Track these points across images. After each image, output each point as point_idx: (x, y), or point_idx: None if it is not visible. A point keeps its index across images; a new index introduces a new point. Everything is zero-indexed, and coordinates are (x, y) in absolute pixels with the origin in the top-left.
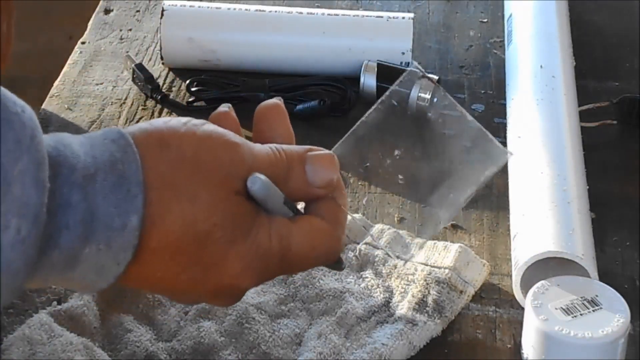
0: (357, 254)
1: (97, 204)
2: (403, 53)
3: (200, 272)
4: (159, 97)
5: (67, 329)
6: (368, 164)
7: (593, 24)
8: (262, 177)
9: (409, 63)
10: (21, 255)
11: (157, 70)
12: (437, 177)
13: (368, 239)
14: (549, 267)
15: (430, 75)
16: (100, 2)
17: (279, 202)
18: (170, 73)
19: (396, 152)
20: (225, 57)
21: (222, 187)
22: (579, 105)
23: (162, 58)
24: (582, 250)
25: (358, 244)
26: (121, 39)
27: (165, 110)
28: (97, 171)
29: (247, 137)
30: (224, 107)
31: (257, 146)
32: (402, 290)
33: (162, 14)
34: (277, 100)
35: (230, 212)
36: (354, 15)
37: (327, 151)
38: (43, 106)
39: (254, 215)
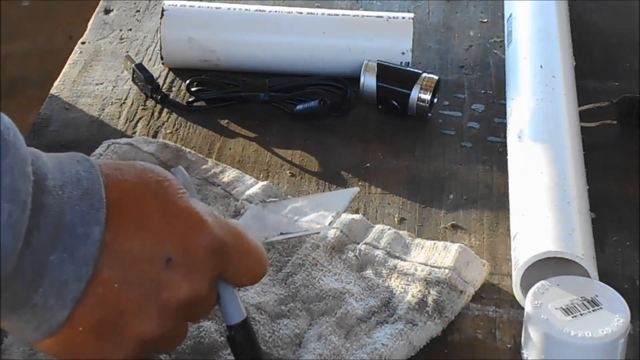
0: (357, 254)
1: (64, 212)
2: (403, 53)
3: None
4: (159, 97)
5: None
6: (368, 165)
7: (593, 24)
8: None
9: (408, 63)
10: (12, 240)
11: (157, 70)
12: None
13: (368, 239)
14: (549, 267)
15: (430, 75)
16: (100, 2)
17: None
18: (170, 73)
19: None
20: (225, 57)
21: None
22: (579, 105)
23: (162, 58)
24: (582, 250)
25: (358, 244)
26: (121, 39)
27: (165, 110)
28: (65, 183)
29: (247, 137)
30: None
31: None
32: (402, 290)
33: (162, 14)
34: None
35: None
36: (354, 16)
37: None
38: (43, 106)
39: None
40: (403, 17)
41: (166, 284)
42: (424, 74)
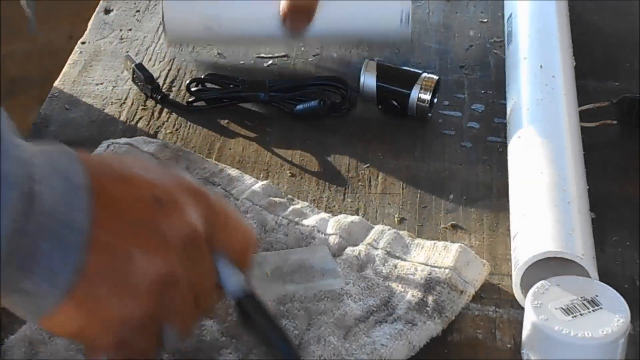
0: (357, 254)
1: (54, 200)
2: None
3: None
4: (159, 97)
5: None
6: (368, 165)
7: (593, 24)
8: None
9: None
10: (8, 220)
11: (157, 70)
12: None
13: (368, 240)
14: (549, 267)
15: (430, 75)
16: (100, 2)
17: None
18: (170, 73)
19: None
20: (228, 22)
21: None
22: (579, 105)
23: (164, 30)
24: (582, 250)
25: (358, 244)
26: (121, 39)
27: (165, 110)
28: (52, 172)
29: (247, 137)
30: None
31: None
32: (402, 289)
33: None
34: None
35: None
36: None
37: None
38: (43, 106)
39: None
40: None
41: (163, 220)
42: (424, 74)
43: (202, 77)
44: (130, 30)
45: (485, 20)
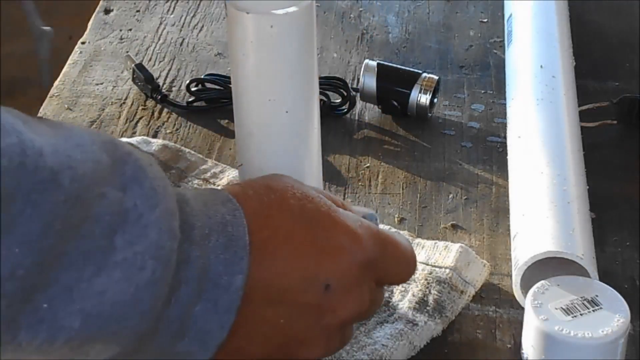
0: None
1: (209, 262)
2: None
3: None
4: (159, 97)
5: None
6: (368, 165)
7: (593, 24)
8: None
9: None
10: (152, 297)
11: (157, 70)
12: None
13: None
14: (549, 267)
15: (430, 75)
16: (100, 2)
17: None
18: (170, 73)
19: None
20: None
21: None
22: (579, 105)
23: None
24: (582, 250)
25: None
26: (121, 39)
27: (165, 110)
28: (211, 231)
29: None
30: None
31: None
32: (403, 289)
33: None
34: None
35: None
36: None
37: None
38: (43, 106)
39: None
40: None
41: (327, 309)
42: (424, 74)
43: (202, 77)
44: (130, 30)
45: (485, 20)
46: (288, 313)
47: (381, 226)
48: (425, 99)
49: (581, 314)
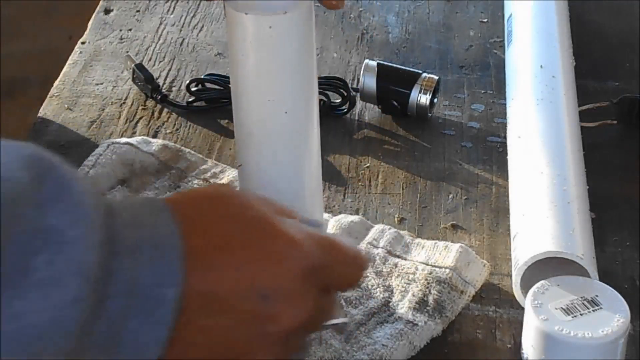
0: None
1: (140, 275)
2: None
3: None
4: (159, 97)
5: None
6: (368, 165)
7: (593, 24)
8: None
9: None
10: (76, 314)
11: (157, 70)
12: None
13: (368, 238)
14: (549, 267)
15: (430, 75)
16: (100, 2)
17: None
18: (170, 73)
19: None
20: None
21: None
22: (579, 105)
23: None
24: (582, 250)
25: (358, 244)
26: (121, 39)
27: (165, 110)
28: (142, 242)
29: None
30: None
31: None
32: (403, 289)
33: None
34: None
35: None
36: None
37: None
38: (43, 106)
39: None
40: None
41: (268, 318)
42: (424, 74)
43: (202, 77)
44: (130, 30)
45: (485, 20)
46: (227, 323)
47: (380, 225)
48: (425, 99)
49: (581, 314)
